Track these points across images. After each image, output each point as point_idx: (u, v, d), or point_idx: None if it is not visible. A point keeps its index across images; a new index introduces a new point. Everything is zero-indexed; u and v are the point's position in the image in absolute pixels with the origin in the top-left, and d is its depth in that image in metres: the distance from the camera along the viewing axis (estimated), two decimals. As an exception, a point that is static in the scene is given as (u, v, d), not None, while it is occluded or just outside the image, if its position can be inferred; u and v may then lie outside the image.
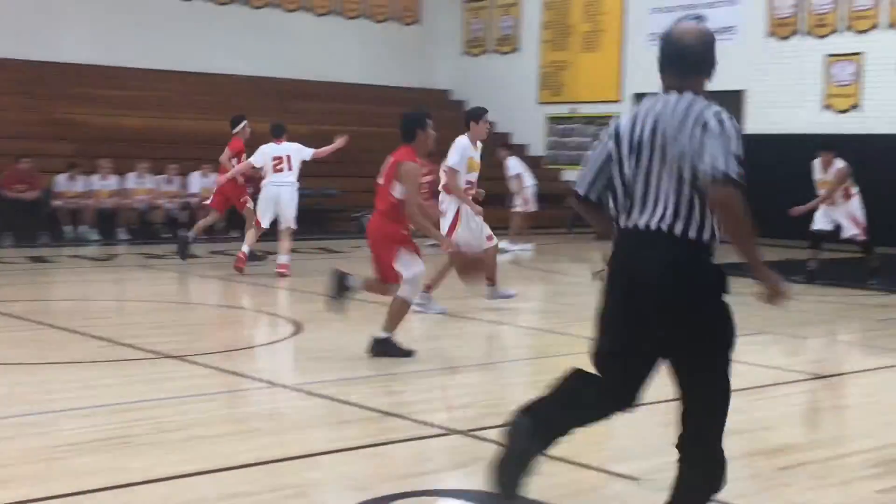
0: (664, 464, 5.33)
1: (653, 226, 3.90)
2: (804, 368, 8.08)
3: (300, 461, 5.24)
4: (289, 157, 13.40)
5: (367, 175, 24.30)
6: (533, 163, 26.08)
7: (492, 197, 19.46)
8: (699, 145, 3.85)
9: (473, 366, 8.01)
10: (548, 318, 11.15)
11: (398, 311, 7.83)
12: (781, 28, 21.60)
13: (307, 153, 13.65)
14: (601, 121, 24.97)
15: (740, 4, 22.30)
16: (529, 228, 18.65)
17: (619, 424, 6.34)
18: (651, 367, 4.09)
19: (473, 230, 10.10)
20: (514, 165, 18.24)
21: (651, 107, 4.13)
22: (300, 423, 6.09)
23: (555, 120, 26.11)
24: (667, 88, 4.20)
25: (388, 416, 6.16)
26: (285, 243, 13.15)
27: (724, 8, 22.63)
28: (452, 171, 10.02)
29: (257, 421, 6.11)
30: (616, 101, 24.81)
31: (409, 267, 7.75)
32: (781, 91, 21.42)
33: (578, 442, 5.81)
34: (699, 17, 4.36)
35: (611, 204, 4.12)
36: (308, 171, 21.05)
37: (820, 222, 13.34)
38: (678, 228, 3.87)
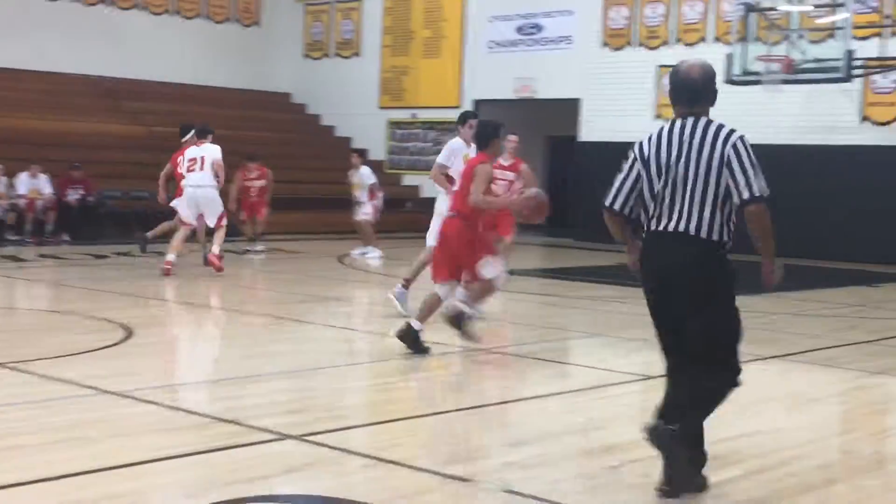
0: (501, 465, 5.43)
1: (681, 229, 4.90)
2: (635, 370, 8.30)
3: (129, 469, 5.11)
4: (202, 158, 13.68)
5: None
6: (374, 167, 26.16)
7: (339, 202, 19.51)
8: (737, 163, 4.88)
9: (309, 370, 7.95)
10: (387, 321, 11.16)
11: (433, 305, 8.42)
12: (615, 39, 22.20)
13: (218, 157, 13.88)
14: (441, 126, 25.21)
15: (576, 15, 22.84)
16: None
17: (453, 426, 6.42)
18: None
19: None
20: (368, 174, 17.83)
21: (672, 132, 5.07)
22: (129, 431, 5.94)
23: (396, 125, 26.19)
24: (679, 115, 5.12)
25: (220, 422, 6.06)
26: (216, 239, 13.61)
27: (561, 18, 23.15)
28: (437, 165, 10.37)
29: (84, 429, 5.93)
30: (456, 107, 25.05)
31: (490, 270, 8.34)
32: (615, 100, 22.02)
33: (411, 444, 5.87)
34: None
35: (642, 214, 5.10)
36: (146, 174, 20.69)
37: None
38: (703, 232, 4.89)
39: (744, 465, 5.55)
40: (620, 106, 21.90)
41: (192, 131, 14.47)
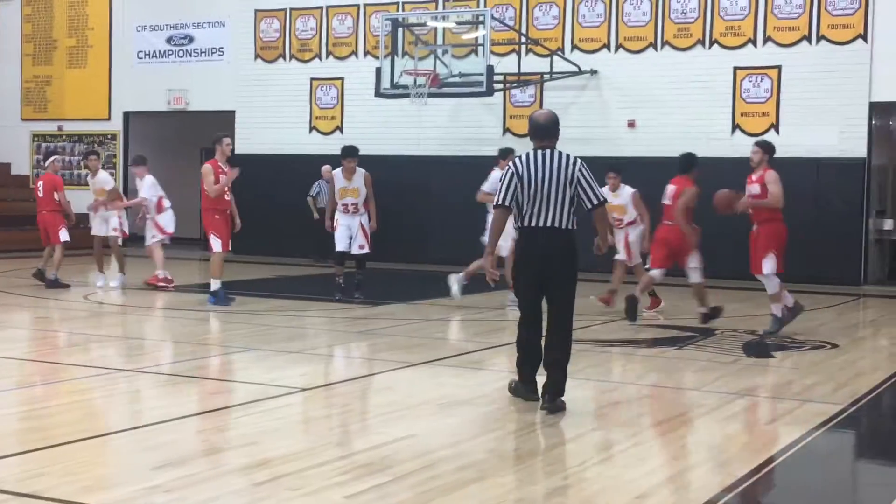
0: (140, 490, 5.27)
1: (554, 224, 7.32)
2: (287, 382, 8.34)
3: None
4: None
5: None
6: (19, 182, 24.80)
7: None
8: (585, 181, 7.35)
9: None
10: (33, 346, 10.61)
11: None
12: (267, 51, 22.23)
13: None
14: (91, 138, 24.27)
15: (228, 27, 22.67)
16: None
17: (99, 453, 6.19)
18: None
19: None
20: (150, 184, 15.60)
21: (536, 158, 7.39)
22: None
23: (41, 137, 24.95)
24: (539, 147, 7.47)
25: None
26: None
27: (212, 30, 22.92)
28: (483, 192, 13.21)
29: None
30: (106, 119, 24.24)
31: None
32: (271, 112, 22.05)
33: (53, 473, 5.59)
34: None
35: (515, 211, 7.42)
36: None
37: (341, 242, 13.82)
38: (565, 224, 7.34)
39: (392, 470, 5.71)
40: (276, 118, 21.95)
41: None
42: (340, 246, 13.83)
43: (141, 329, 12.10)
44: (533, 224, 7.35)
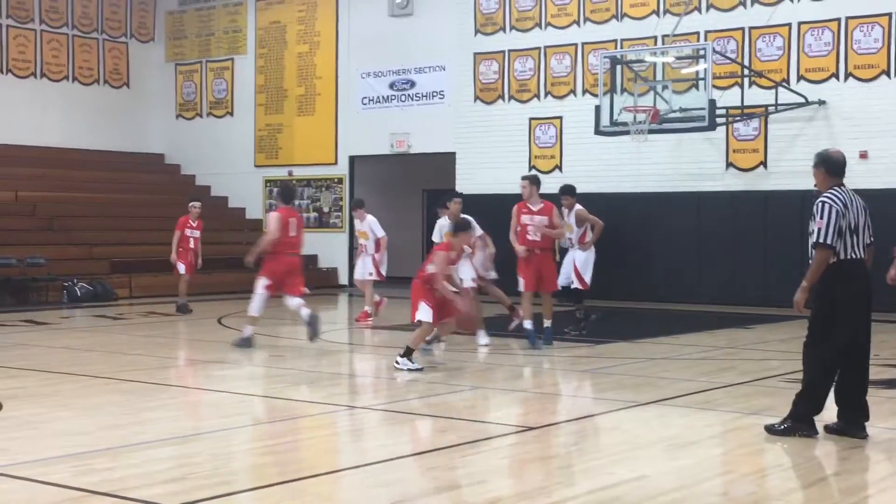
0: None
1: (861, 255, 7.56)
2: (513, 421, 8.34)
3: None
4: None
5: (78, 242, 23.58)
6: (252, 225, 25.96)
7: (217, 262, 19.30)
8: (869, 219, 7.69)
9: (187, 436, 7.79)
10: (269, 383, 11.02)
11: None
12: (487, 93, 22.53)
13: None
14: (318, 183, 25.16)
15: (448, 70, 23.13)
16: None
17: (337, 486, 6.33)
18: None
19: None
20: (374, 223, 16.43)
21: (845, 194, 7.60)
22: (-2, 509, 5.72)
23: (272, 182, 26.06)
24: (837, 184, 7.66)
25: (95, 495, 5.88)
26: None
27: (433, 74, 23.43)
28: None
29: (-51, 510, 5.69)
30: (332, 164, 25.09)
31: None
32: (490, 153, 22.31)
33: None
34: None
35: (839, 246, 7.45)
36: (14, 240, 20.12)
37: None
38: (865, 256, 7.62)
39: (625, 511, 5.61)
40: (495, 158, 22.19)
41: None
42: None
43: (362, 367, 12.38)
44: (850, 257, 7.45)
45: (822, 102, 18.78)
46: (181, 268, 17.50)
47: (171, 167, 27.56)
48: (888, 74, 18.31)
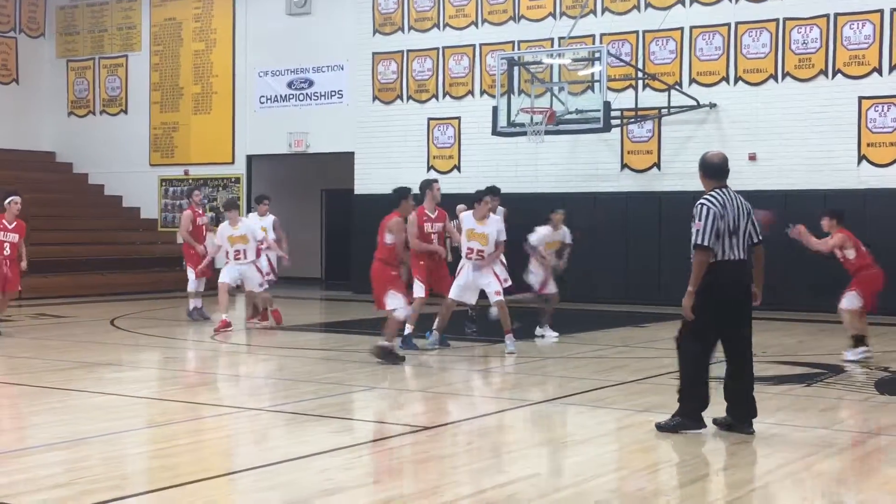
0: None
1: (740, 256, 7.70)
2: (408, 421, 8.36)
3: None
4: None
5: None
6: (147, 225, 25.56)
7: (111, 263, 18.95)
8: (752, 219, 7.86)
9: (77, 440, 7.64)
10: (162, 385, 10.86)
11: None
12: (385, 93, 22.52)
13: None
14: (215, 182, 24.87)
15: (347, 71, 23.07)
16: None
17: (231, 488, 6.27)
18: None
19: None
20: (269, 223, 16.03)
21: (725, 196, 7.73)
22: None
23: (168, 182, 25.69)
24: (719, 187, 7.81)
25: (-21, 503, 5.74)
26: None
27: (331, 73, 23.35)
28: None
29: None
30: (229, 163, 24.83)
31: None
32: (389, 153, 22.31)
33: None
34: None
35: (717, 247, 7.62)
36: None
37: None
38: (746, 256, 7.77)
39: (517, 509, 5.67)
40: (394, 158, 22.20)
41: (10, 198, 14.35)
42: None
43: (258, 368, 12.29)
44: (726, 258, 7.60)
45: (713, 105, 19.20)
46: None
47: (63, 165, 26.96)
48: (776, 79, 18.80)
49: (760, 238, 7.82)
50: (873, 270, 12.06)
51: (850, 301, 11.99)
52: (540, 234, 14.24)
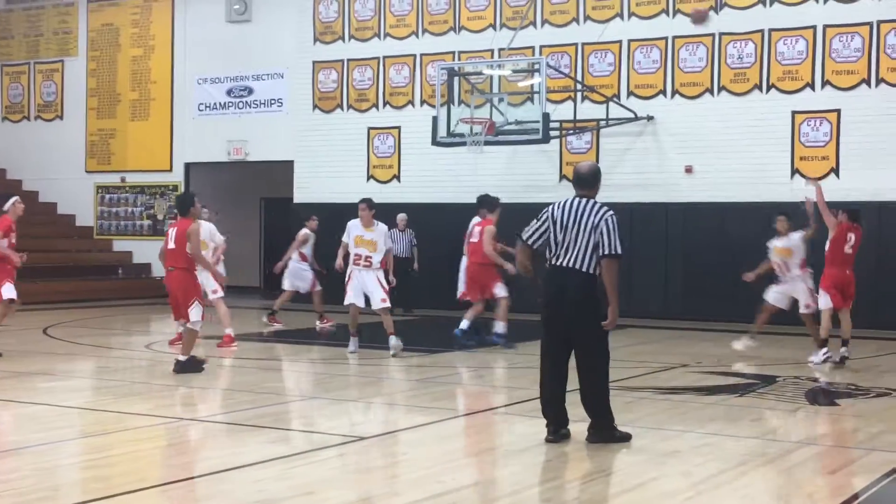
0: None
1: (571, 265, 7.68)
2: (344, 431, 8.34)
3: None
4: None
5: None
6: (84, 233, 25.23)
7: (42, 270, 18.65)
8: (604, 231, 7.66)
9: (7, 451, 7.52)
10: (95, 395, 10.73)
11: None
12: (325, 102, 22.48)
13: None
14: (153, 190, 24.65)
15: (287, 79, 23.00)
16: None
17: (165, 499, 6.21)
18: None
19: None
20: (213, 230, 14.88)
21: (571, 203, 7.89)
22: None
23: (104, 189, 25.40)
24: (578, 195, 7.95)
25: None
26: None
27: (271, 81, 23.27)
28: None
29: None
30: (167, 171, 24.61)
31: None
32: (329, 162, 22.26)
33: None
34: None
35: (547, 251, 7.79)
36: None
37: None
38: (586, 267, 7.66)
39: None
40: (334, 167, 22.15)
41: (13, 199, 14.40)
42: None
43: (193, 379, 12.19)
44: (553, 262, 7.79)
45: (650, 118, 19.41)
46: None
47: (-3, 172, 26.56)
48: (712, 93, 19.06)
49: (610, 251, 7.66)
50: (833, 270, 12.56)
51: (825, 301, 12.32)
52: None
